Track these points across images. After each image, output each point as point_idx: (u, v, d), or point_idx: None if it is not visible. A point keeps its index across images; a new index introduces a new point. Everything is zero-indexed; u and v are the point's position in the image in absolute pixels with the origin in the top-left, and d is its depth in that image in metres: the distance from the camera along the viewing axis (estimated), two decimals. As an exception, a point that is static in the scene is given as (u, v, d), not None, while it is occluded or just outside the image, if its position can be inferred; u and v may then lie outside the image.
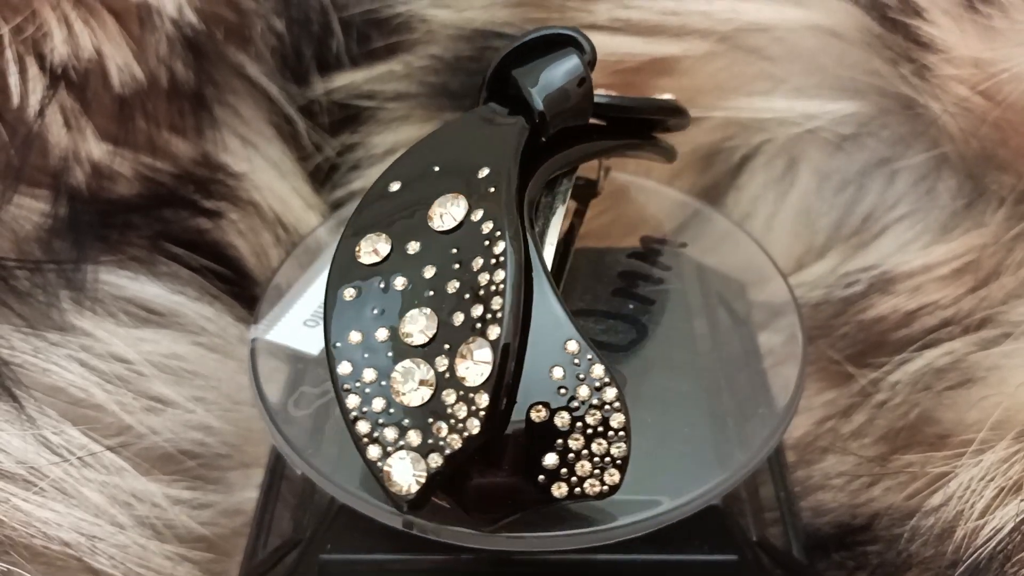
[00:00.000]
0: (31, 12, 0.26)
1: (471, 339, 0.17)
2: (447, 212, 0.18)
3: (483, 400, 0.17)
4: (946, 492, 0.23)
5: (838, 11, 0.28)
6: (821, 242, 0.30)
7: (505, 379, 0.17)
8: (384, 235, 0.19)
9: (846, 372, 0.28)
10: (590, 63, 0.20)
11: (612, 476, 0.18)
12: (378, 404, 0.18)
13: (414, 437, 0.17)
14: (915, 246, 0.28)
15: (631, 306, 0.23)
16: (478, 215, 0.18)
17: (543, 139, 0.20)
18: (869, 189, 0.29)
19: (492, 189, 0.18)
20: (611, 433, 0.17)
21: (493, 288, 0.17)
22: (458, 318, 0.18)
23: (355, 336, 0.18)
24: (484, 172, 0.19)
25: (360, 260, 0.19)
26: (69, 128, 0.27)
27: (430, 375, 0.18)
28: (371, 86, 0.32)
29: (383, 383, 0.18)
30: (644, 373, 0.22)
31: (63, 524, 0.23)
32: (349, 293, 0.19)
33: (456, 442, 0.17)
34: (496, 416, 0.17)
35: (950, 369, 0.26)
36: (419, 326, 0.18)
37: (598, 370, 0.17)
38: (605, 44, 0.28)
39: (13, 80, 0.26)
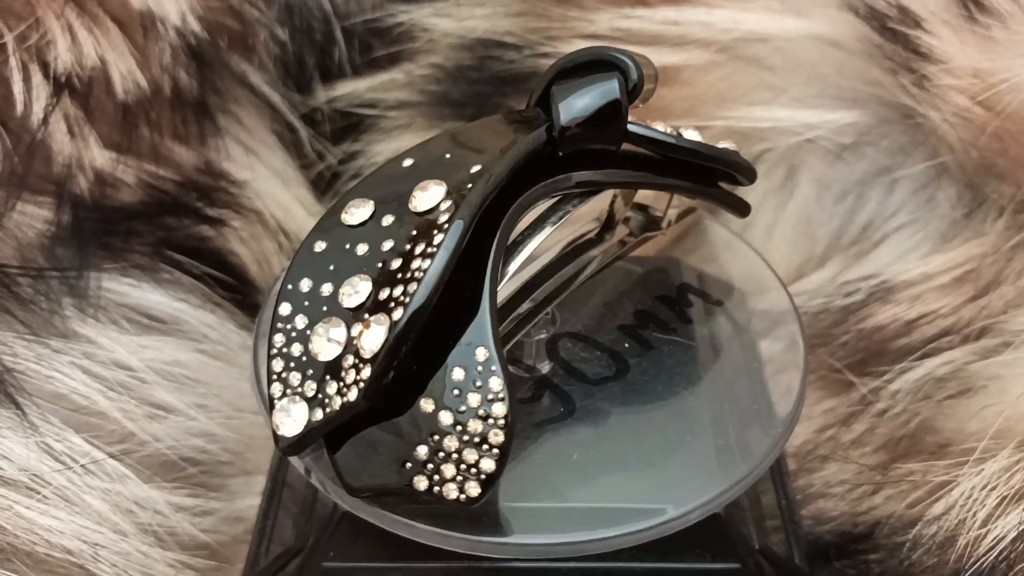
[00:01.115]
0: (35, 20, 0.26)
1: (379, 314, 0.18)
2: (425, 196, 0.19)
3: (366, 372, 0.18)
4: (948, 501, 0.23)
5: (838, 21, 0.28)
6: (821, 251, 0.30)
7: (393, 358, 0.18)
8: (371, 202, 0.19)
9: (846, 381, 0.28)
10: (632, 91, 0.20)
11: (472, 488, 0.18)
12: (296, 349, 0.19)
13: (310, 388, 0.18)
14: (915, 255, 0.29)
15: (626, 345, 0.23)
16: (445, 205, 0.19)
17: (560, 154, 0.20)
18: (869, 198, 0.30)
19: (470, 185, 0.19)
20: (485, 447, 0.18)
21: (418, 274, 0.18)
22: (384, 292, 0.18)
23: (306, 284, 0.19)
24: (475, 168, 0.19)
25: (342, 220, 0.19)
26: (72, 136, 0.27)
27: (343, 337, 0.18)
28: (373, 95, 0.32)
29: (308, 332, 0.19)
30: (645, 383, 0.22)
31: (65, 531, 0.23)
32: (319, 246, 0.19)
33: (336, 404, 0.18)
34: (376, 390, 0.18)
35: (950, 378, 0.26)
36: (354, 289, 0.19)
37: (495, 384, 0.18)
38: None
39: (17, 88, 0.26)
